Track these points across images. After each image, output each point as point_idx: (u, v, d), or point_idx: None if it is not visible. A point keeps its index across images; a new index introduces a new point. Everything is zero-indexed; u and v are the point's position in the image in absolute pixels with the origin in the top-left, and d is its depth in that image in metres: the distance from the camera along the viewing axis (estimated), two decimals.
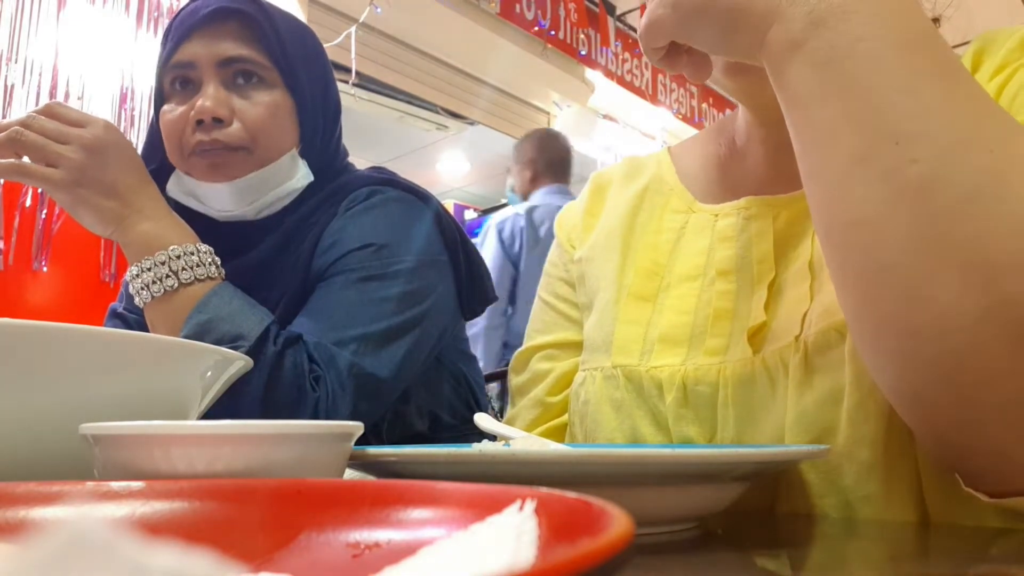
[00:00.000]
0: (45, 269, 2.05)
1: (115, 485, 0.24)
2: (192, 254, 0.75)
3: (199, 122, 0.79)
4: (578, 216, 0.72)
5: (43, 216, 2.04)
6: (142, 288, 0.74)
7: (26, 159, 0.73)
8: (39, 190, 2.03)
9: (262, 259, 0.83)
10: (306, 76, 0.86)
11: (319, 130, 0.88)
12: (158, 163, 0.85)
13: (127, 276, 0.76)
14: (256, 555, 0.21)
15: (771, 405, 0.50)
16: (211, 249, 0.77)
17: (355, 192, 0.86)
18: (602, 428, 0.59)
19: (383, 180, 0.88)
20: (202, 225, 0.82)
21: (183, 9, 0.85)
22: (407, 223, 0.84)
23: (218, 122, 0.79)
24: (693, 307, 0.57)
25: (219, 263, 0.77)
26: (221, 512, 0.23)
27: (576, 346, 0.68)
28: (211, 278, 0.75)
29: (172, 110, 0.82)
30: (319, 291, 0.80)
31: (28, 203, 2.02)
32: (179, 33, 0.82)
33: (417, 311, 0.80)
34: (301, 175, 0.86)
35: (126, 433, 0.30)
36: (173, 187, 0.85)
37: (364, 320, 0.76)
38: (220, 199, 0.83)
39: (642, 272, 0.61)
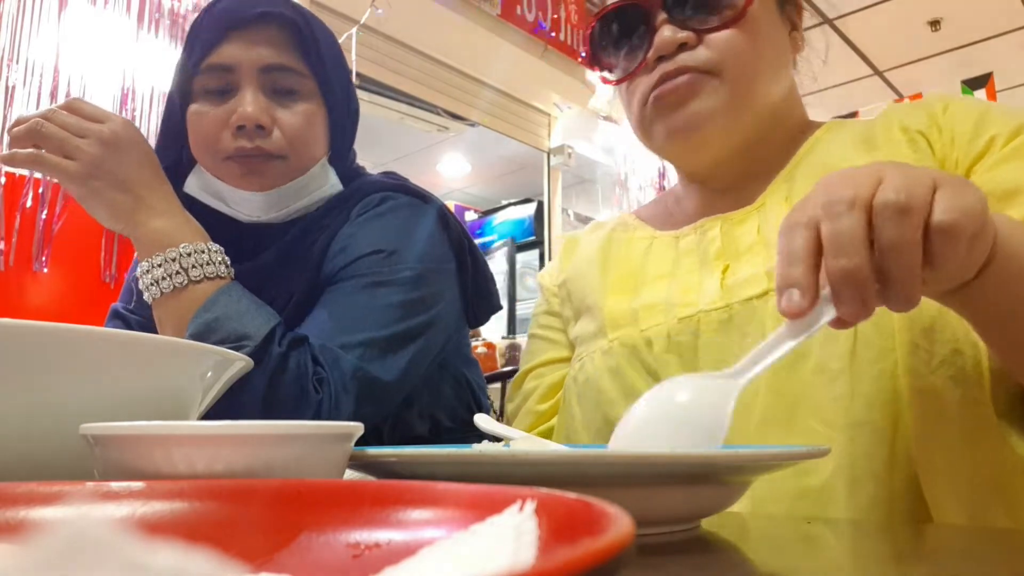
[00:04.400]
0: (45, 270, 2.05)
1: (115, 485, 0.24)
2: (202, 252, 0.75)
3: (240, 127, 0.79)
4: (555, 265, 0.87)
5: (43, 217, 2.04)
6: (151, 284, 0.74)
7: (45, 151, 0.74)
8: (40, 190, 2.04)
9: (273, 261, 0.83)
10: (337, 84, 0.86)
11: (346, 137, 0.89)
12: (172, 160, 0.84)
13: (136, 272, 0.76)
14: (256, 555, 0.21)
15: (744, 341, 0.61)
16: (221, 248, 0.77)
17: (367, 198, 0.85)
18: (603, 394, 0.67)
19: (395, 186, 0.88)
20: (217, 224, 0.81)
21: (213, 6, 0.83)
22: (417, 230, 0.84)
23: (259, 129, 0.79)
24: (666, 288, 0.68)
25: (228, 262, 0.77)
26: (221, 512, 0.23)
27: (561, 361, 0.80)
28: (220, 277, 0.75)
29: (205, 112, 0.81)
30: (328, 294, 0.80)
31: (29, 204, 2.02)
32: (215, 33, 0.80)
33: (423, 318, 0.80)
34: (332, 183, 0.86)
35: (126, 433, 0.30)
36: (194, 185, 0.84)
37: (371, 325, 0.76)
38: (250, 205, 0.83)
39: (620, 274, 0.73)
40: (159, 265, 0.74)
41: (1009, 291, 0.46)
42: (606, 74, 0.74)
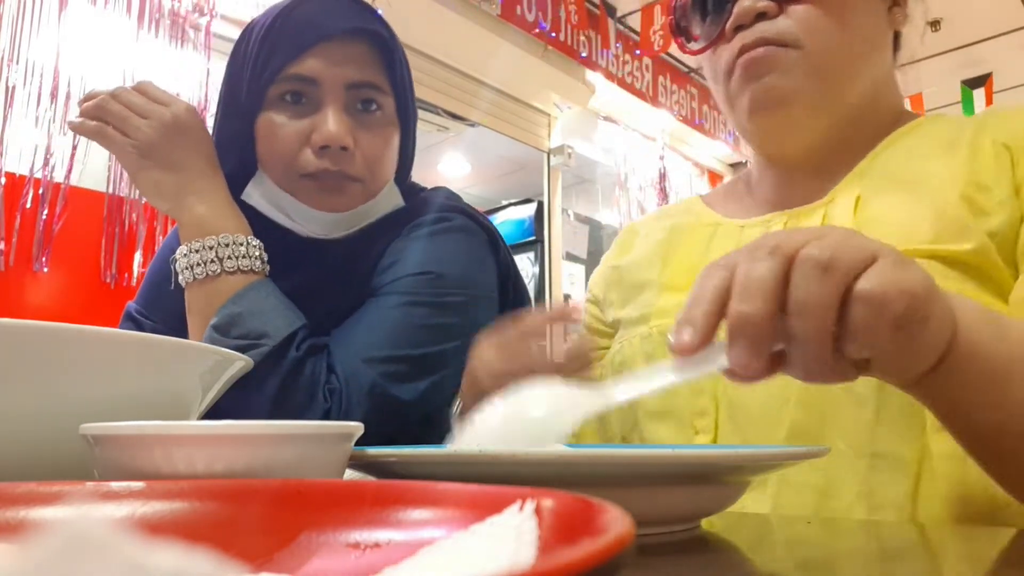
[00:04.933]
0: (46, 270, 2.05)
1: (115, 485, 0.24)
2: (241, 244, 0.76)
3: (323, 147, 0.77)
4: (611, 252, 0.84)
5: (43, 217, 2.04)
6: (186, 268, 0.75)
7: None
8: (40, 191, 2.03)
9: (321, 273, 0.82)
10: (411, 104, 0.85)
11: (411, 156, 0.88)
12: (233, 166, 0.82)
13: (176, 253, 0.77)
14: (256, 555, 0.21)
15: None
16: (261, 244, 0.77)
17: (423, 216, 0.85)
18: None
19: (451, 206, 0.87)
20: (269, 232, 0.80)
21: (291, 12, 0.79)
22: (468, 256, 0.84)
23: (343, 150, 0.78)
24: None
25: (265, 258, 0.77)
26: (221, 512, 0.23)
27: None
28: (254, 271, 0.76)
29: (282, 123, 0.78)
30: (367, 306, 0.79)
31: (29, 204, 2.02)
32: (299, 42, 0.77)
33: (457, 344, 0.78)
34: (395, 203, 0.86)
35: (126, 433, 0.30)
36: (255, 195, 0.82)
37: (400, 343, 0.75)
38: (316, 223, 0.81)
39: (680, 268, 0.71)
40: (196, 251, 0.75)
41: (967, 391, 0.43)
42: (691, 44, 0.72)
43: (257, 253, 0.76)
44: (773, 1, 0.64)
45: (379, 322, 0.77)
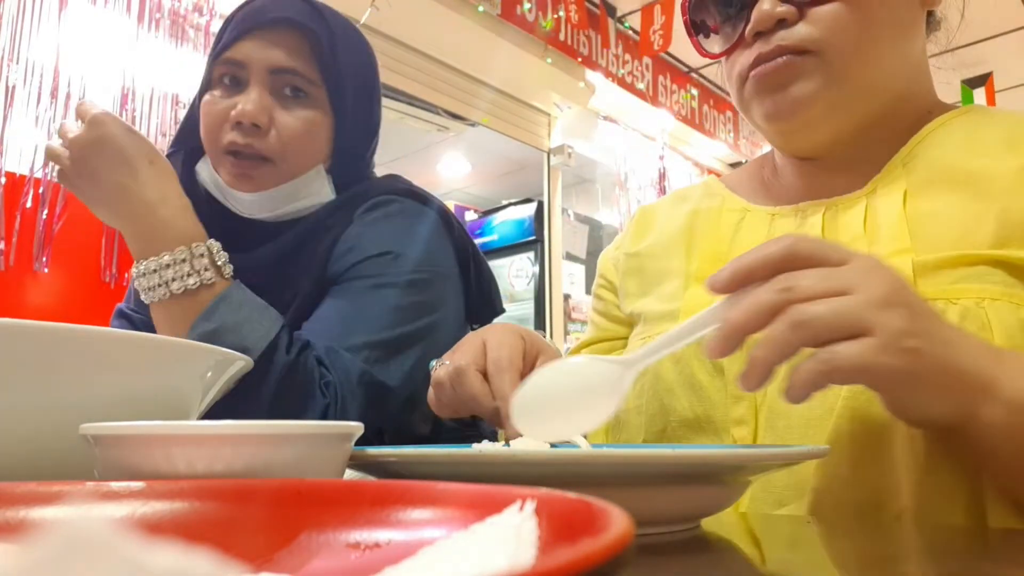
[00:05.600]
0: (46, 270, 2.05)
1: (115, 485, 0.24)
2: (202, 256, 0.72)
3: (238, 123, 0.81)
4: (626, 236, 0.81)
5: (44, 217, 2.04)
6: (147, 289, 0.72)
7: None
8: (40, 190, 2.04)
9: (276, 258, 0.84)
10: (352, 97, 0.87)
11: (353, 148, 0.89)
12: (191, 147, 0.87)
13: (132, 272, 0.75)
14: (256, 555, 0.21)
15: None
16: (220, 246, 0.75)
17: (374, 199, 0.86)
18: (662, 381, 0.64)
19: (401, 189, 0.89)
20: (221, 213, 0.83)
21: (248, 3, 0.86)
22: (425, 235, 0.86)
23: (255, 127, 0.81)
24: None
25: (227, 259, 0.75)
26: (221, 512, 0.23)
27: (599, 342, 0.78)
28: (222, 278, 0.73)
29: (215, 102, 0.83)
30: (334, 294, 0.80)
31: (29, 204, 2.02)
32: (238, 29, 0.83)
33: (428, 321, 0.80)
34: (324, 192, 0.87)
35: (126, 433, 0.30)
36: (204, 173, 0.86)
37: (377, 327, 0.77)
38: (241, 203, 0.85)
39: (707, 258, 0.68)
40: (154, 271, 0.71)
41: (1013, 444, 0.43)
42: (707, 47, 0.69)
43: (220, 261, 0.73)
44: (793, 6, 0.61)
45: (351, 309, 0.78)
